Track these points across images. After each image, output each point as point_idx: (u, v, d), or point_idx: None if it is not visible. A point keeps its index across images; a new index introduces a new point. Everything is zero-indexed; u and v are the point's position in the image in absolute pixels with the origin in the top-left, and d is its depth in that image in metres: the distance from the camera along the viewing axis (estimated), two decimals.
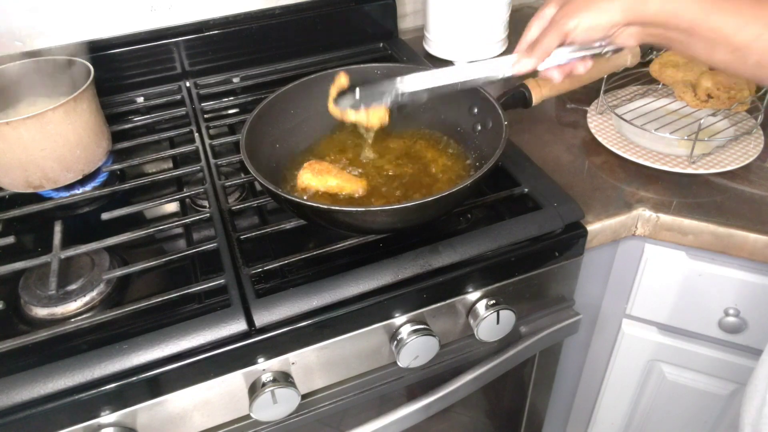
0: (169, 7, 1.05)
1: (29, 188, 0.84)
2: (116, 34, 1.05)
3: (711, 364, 0.94)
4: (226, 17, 1.10)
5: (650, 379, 1.02)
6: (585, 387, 1.11)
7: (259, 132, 0.77)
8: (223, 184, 0.83)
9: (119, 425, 0.62)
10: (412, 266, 0.69)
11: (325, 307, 0.66)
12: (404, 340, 0.70)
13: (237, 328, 0.63)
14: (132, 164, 0.91)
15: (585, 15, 0.61)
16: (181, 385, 0.63)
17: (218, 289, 0.68)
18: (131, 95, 1.08)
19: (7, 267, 0.71)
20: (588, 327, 1.00)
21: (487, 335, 0.76)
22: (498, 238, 0.73)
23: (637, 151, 0.89)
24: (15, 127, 0.77)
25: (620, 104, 0.99)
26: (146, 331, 0.62)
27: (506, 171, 0.83)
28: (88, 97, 0.84)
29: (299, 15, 1.14)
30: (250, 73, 1.12)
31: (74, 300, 0.70)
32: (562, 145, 0.95)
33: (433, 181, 0.79)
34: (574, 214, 0.76)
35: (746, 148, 0.89)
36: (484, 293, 0.75)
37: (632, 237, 0.85)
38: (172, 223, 0.78)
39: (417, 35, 1.28)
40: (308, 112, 0.86)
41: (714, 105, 0.90)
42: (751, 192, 0.83)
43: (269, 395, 0.65)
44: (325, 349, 0.69)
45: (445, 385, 0.78)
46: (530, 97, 0.89)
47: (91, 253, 0.75)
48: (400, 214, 0.65)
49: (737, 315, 0.86)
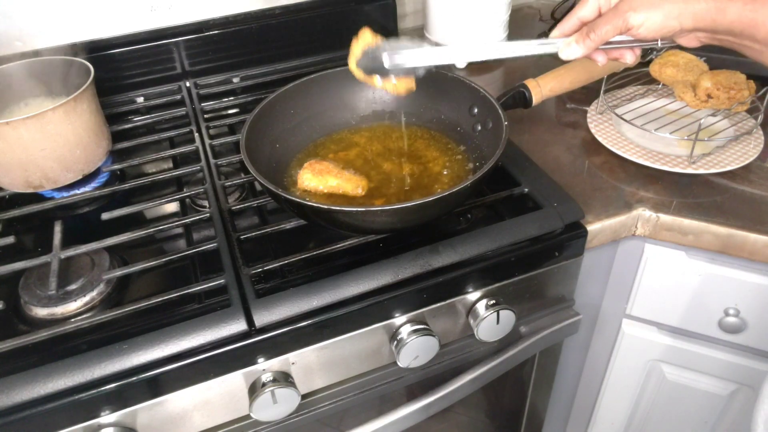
0: (169, 7, 1.06)
1: (29, 188, 0.84)
2: (116, 34, 1.05)
3: (711, 364, 0.94)
4: (226, 17, 1.10)
5: (650, 379, 1.02)
6: (585, 387, 1.11)
7: (259, 132, 0.77)
8: (223, 184, 0.83)
9: (119, 425, 0.62)
10: (412, 266, 0.69)
11: (325, 307, 0.66)
12: (404, 340, 0.70)
13: (237, 328, 0.63)
14: (132, 164, 0.91)
15: (654, 14, 0.58)
16: (181, 385, 0.63)
17: (218, 289, 0.68)
18: (131, 95, 1.08)
19: (7, 267, 0.71)
20: (588, 327, 1.00)
21: (487, 335, 0.76)
22: (498, 238, 0.73)
23: (637, 151, 0.89)
24: (15, 127, 0.77)
25: (620, 104, 0.99)
26: (146, 331, 0.62)
27: (506, 171, 0.83)
28: (88, 97, 0.84)
29: (299, 15, 1.14)
30: (250, 73, 1.12)
31: (74, 300, 0.70)
32: (562, 145, 0.95)
33: (433, 181, 0.79)
34: (574, 214, 0.76)
35: (746, 148, 0.89)
36: (484, 293, 0.75)
37: (632, 237, 0.85)
38: (172, 223, 0.78)
39: (417, 35, 1.28)
40: (308, 112, 0.86)
41: (714, 105, 0.90)
42: (751, 192, 0.83)
43: (269, 395, 0.65)
44: (325, 349, 0.69)
45: (445, 385, 0.78)
46: (530, 97, 0.89)
47: (91, 253, 0.75)
48: (400, 214, 0.65)
49: (737, 315, 0.86)
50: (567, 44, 0.64)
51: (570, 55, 0.64)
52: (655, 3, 0.58)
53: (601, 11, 0.63)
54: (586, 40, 0.62)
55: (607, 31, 0.61)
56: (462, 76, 0.84)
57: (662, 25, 0.59)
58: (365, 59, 0.69)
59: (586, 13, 0.64)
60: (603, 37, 0.62)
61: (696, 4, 0.57)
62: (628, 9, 0.59)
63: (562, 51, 0.64)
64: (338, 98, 0.87)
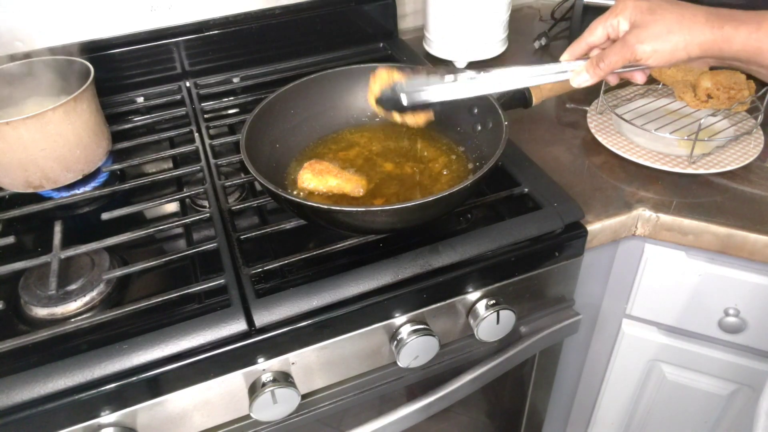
0: (169, 7, 1.05)
1: (29, 188, 0.84)
2: (116, 34, 1.05)
3: (711, 364, 0.94)
4: (226, 17, 1.10)
5: (650, 379, 1.02)
6: (585, 387, 1.11)
7: (259, 132, 0.77)
8: (223, 184, 0.83)
9: (119, 425, 0.62)
10: (412, 266, 0.69)
11: (325, 307, 0.66)
12: (404, 340, 0.70)
13: (237, 328, 0.63)
14: (132, 164, 0.91)
15: (661, 45, 0.59)
16: (181, 385, 0.63)
17: (218, 289, 0.68)
18: (131, 95, 1.08)
19: (7, 267, 0.71)
20: (588, 327, 1.00)
21: (487, 335, 0.76)
22: (498, 238, 0.73)
23: (637, 151, 0.89)
24: (15, 127, 0.77)
25: (620, 104, 0.99)
26: (146, 331, 0.62)
27: (506, 171, 0.83)
28: (88, 97, 0.84)
29: (299, 15, 1.14)
30: (250, 73, 1.12)
31: (74, 300, 0.70)
32: (562, 145, 0.95)
33: (433, 181, 0.79)
34: (574, 214, 0.76)
35: (746, 148, 0.89)
36: (484, 293, 0.75)
37: (632, 237, 0.85)
38: (172, 223, 0.78)
39: (417, 35, 1.28)
40: (308, 112, 0.86)
41: (714, 105, 0.90)
42: (751, 192, 0.83)
43: (269, 395, 0.65)
44: (325, 349, 0.69)
45: (445, 385, 0.78)
46: (530, 97, 0.89)
47: (91, 253, 0.75)
48: (400, 214, 0.65)
49: (737, 315, 0.86)
50: (578, 73, 0.66)
51: (581, 83, 0.66)
52: (662, 35, 0.59)
53: (609, 36, 0.65)
54: (596, 69, 0.64)
55: (616, 61, 0.63)
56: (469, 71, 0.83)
57: (671, 56, 0.60)
58: (384, 97, 0.71)
59: (595, 39, 0.66)
60: (612, 67, 0.63)
61: (701, 35, 0.58)
62: (635, 42, 0.60)
63: (573, 79, 0.67)
64: (338, 98, 0.87)
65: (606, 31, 0.65)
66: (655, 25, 0.59)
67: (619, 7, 0.63)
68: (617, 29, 0.64)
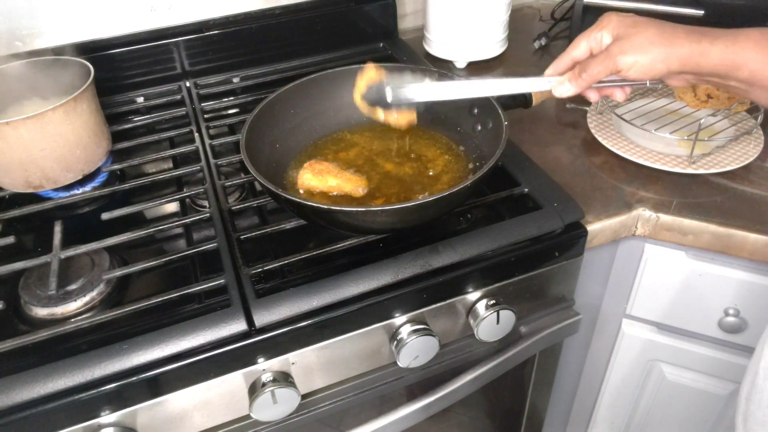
0: (169, 7, 1.05)
1: (29, 188, 0.84)
2: (116, 34, 1.05)
3: (711, 364, 0.94)
4: (226, 17, 1.10)
5: (650, 379, 1.02)
6: (585, 387, 1.11)
7: (259, 132, 0.77)
8: (223, 184, 0.83)
9: (119, 425, 0.62)
10: (412, 266, 0.69)
11: (325, 307, 0.66)
12: (404, 340, 0.70)
13: (237, 328, 0.63)
14: (132, 164, 0.91)
15: (642, 57, 0.61)
16: (181, 385, 0.63)
17: (218, 289, 0.68)
18: (131, 95, 1.08)
19: (7, 267, 0.71)
20: (588, 327, 1.00)
21: (487, 335, 0.76)
22: (498, 238, 0.73)
23: (637, 151, 0.89)
24: (15, 127, 0.77)
25: (620, 104, 0.99)
26: (146, 331, 0.62)
27: (506, 171, 0.83)
28: (88, 97, 0.84)
29: (299, 15, 1.14)
30: (250, 73, 1.12)
31: (74, 300, 0.70)
32: (562, 145, 0.95)
33: (433, 181, 0.79)
34: (574, 214, 0.77)
35: (746, 148, 0.89)
36: (484, 293, 0.75)
37: (632, 237, 0.85)
38: (172, 223, 0.78)
39: (417, 35, 1.28)
40: (308, 112, 0.86)
41: (714, 105, 0.90)
42: (751, 192, 0.83)
43: (269, 395, 0.65)
44: (325, 349, 0.69)
45: (445, 385, 0.78)
46: (530, 97, 0.89)
47: (91, 253, 0.75)
48: (400, 214, 0.65)
49: (737, 315, 0.86)
50: (560, 83, 0.68)
51: (563, 93, 0.68)
52: (644, 47, 0.61)
53: (592, 52, 0.67)
54: (578, 80, 0.66)
55: (598, 71, 0.64)
56: (462, 76, 0.84)
57: (650, 68, 0.62)
58: (369, 93, 0.72)
59: (578, 54, 0.67)
60: (594, 77, 0.65)
61: (680, 48, 0.60)
62: (618, 52, 0.62)
63: (555, 89, 0.68)
64: (338, 98, 0.87)
65: (590, 45, 0.66)
66: (637, 37, 0.61)
67: (604, 21, 0.65)
68: (600, 43, 0.65)
